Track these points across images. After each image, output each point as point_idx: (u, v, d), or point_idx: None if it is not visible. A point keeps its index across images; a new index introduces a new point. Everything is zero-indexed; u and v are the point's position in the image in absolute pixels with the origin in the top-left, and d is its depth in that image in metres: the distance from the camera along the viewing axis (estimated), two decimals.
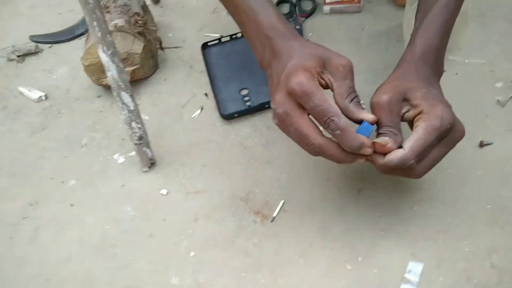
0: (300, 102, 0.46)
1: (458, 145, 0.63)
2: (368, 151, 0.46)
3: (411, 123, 0.51)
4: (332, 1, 0.86)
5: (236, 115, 0.73)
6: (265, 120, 0.73)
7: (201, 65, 0.82)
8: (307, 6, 0.89)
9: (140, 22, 0.80)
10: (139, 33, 0.79)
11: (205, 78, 0.80)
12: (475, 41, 0.76)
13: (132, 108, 0.63)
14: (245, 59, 0.81)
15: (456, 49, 0.75)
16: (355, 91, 0.49)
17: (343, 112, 0.47)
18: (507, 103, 0.66)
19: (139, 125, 0.65)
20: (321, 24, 0.86)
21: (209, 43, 0.84)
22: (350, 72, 0.48)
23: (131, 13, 0.82)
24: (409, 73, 0.51)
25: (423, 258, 0.55)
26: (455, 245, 0.55)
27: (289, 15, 0.88)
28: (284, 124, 0.48)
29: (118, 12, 0.81)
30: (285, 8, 0.90)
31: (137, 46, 0.78)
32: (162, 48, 0.85)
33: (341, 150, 0.47)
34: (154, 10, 0.96)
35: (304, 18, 0.87)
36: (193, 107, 0.77)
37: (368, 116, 0.48)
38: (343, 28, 0.84)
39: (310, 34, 0.84)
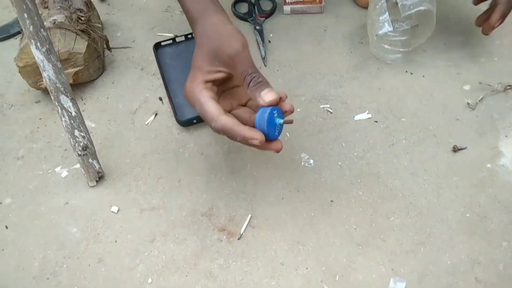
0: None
1: (431, 151, 0.61)
2: (255, 142, 0.45)
3: None
4: (292, 1, 0.82)
5: (194, 121, 0.66)
6: None
7: (154, 67, 0.75)
8: (267, 6, 0.85)
9: (82, 18, 0.72)
10: (82, 31, 0.70)
11: (158, 81, 0.73)
12: (439, 43, 0.74)
13: (73, 114, 0.55)
14: None
15: (421, 51, 0.73)
16: (250, 74, 0.47)
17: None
18: (477, 106, 0.65)
19: (82, 134, 0.57)
20: (282, 24, 0.81)
21: (162, 43, 0.77)
22: (237, 57, 0.47)
23: (72, 9, 0.73)
24: None
25: (404, 274, 0.51)
26: (436, 258, 0.52)
27: (248, 15, 0.82)
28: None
29: (58, 7, 0.72)
30: (244, 7, 0.85)
31: (80, 45, 0.69)
32: (109, 48, 0.77)
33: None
34: (100, 8, 0.87)
35: (264, 18, 0.82)
36: (146, 113, 0.69)
37: (263, 99, 0.46)
38: (304, 29, 0.80)
39: (271, 34, 0.79)
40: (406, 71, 0.71)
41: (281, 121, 0.47)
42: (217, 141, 0.65)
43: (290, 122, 0.48)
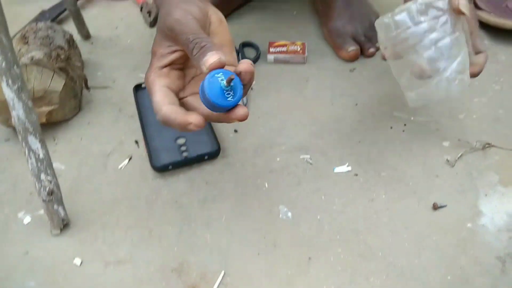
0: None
1: (412, 208, 0.60)
2: (191, 126, 0.40)
3: None
4: (276, 50, 0.82)
5: (170, 167, 0.64)
6: (203, 173, 0.64)
7: (132, 109, 0.73)
8: (251, 53, 0.85)
9: (62, 56, 0.70)
10: (61, 69, 0.69)
11: (136, 124, 0.71)
12: None
13: (41, 156, 0.52)
14: None
15: (400, 106, 0.73)
16: (192, 41, 0.40)
17: None
18: (456, 163, 0.64)
19: (49, 178, 0.54)
20: (265, 72, 0.81)
21: (143, 85, 0.76)
22: (178, 26, 0.42)
23: (53, 46, 0.72)
24: None
25: None
26: None
27: None
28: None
29: (38, 44, 0.71)
30: None
31: (57, 83, 0.67)
32: (87, 88, 0.75)
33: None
34: (83, 46, 0.86)
35: None
36: (120, 156, 0.67)
37: (204, 65, 0.38)
38: (287, 79, 0.80)
39: (254, 82, 0.79)
40: (386, 125, 0.71)
41: (225, 81, 0.38)
42: (193, 189, 0.62)
43: (231, 78, 0.37)
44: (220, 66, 0.38)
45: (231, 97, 0.39)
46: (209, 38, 0.41)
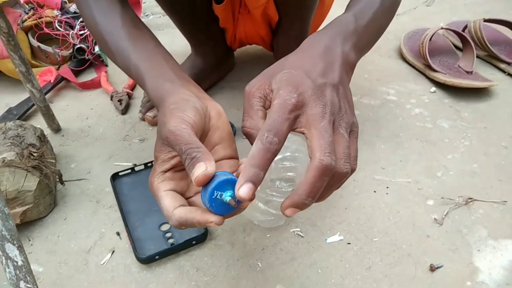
0: None
1: (410, 272, 0.59)
2: (212, 225, 0.41)
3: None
4: None
5: (157, 257, 0.61)
6: (193, 260, 0.61)
7: (111, 199, 0.71)
8: None
9: (35, 154, 0.68)
10: (34, 167, 0.66)
11: (116, 214, 0.68)
12: (396, 160, 0.77)
13: (19, 263, 0.48)
14: None
15: (380, 169, 0.75)
16: (184, 152, 0.41)
17: None
18: (444, 221, 0.65)
19: (29, 285, 0.49)
20: (243, 148, 0.81)
21: (120, 173, 0.74)
22: (171, 137, 0.42)
23: (24, 145, 0.70)
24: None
25: None
26: None
27: None
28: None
29: (8, 144, 0.69)
30: None
31: (31, 182, 0.65)
32: (62, 182, 0.73)
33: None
34: (53, 139, 0.85)
35: None
36: (102, 251, 0.63)
37: (193, 179, 0.39)
38: None
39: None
40: (369, 189, 0.71)
41: (228, 199, 0.39)
42: (183, 278, 0.59)
43: (234, 204, 0.39)
44: (206, 179, 0.39)
45: (236, 200, 0.39)
46: (202, 146, 0.41)
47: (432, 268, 0.59)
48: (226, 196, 0.39)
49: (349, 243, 0.63)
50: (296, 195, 0.40)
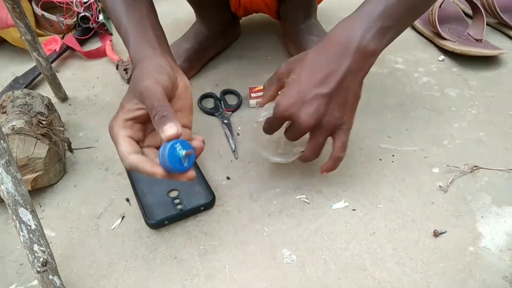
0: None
1: (413, 237, 0.60)
2: (158, 176, 0.48)
3: None
4: (258, 95, 0.84)
5: (166, 222, 0.62)
6: (201, 225, 0.63)
7: (120, 166, 0.72)
8: (232, 100, 0.86)
9: (44, 122, 0.69)
10: (43, 135, 0.67)
11: (125, 181, 0.70)
12: (402, 129, 0.77)
13: (33, 227, 0.50)
14: None
15: (386, 137, 0.75)
16: (155, 107, 0.48)
17: None
18: (449, 188, 0.66)
19: (42, 248, 0.51)
20: (249, 117, 0.82)
21: None
22: (146, 93, 0.49)
23: (33, 113, 0.70)
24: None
25: None
26: None
27: (215, 110, 0.83)
28: None
29: (17, 112, 0.69)
30: (210, 103, 0.86)
31: (40, 150, 0.66)
32: (71, 150, 0.74)
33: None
34: (61, 108, 0.86)
35: (230, 112, 0.83)
36: (112, 217, 0.65)
37: (164, 134, 0.47)
38: None
39: (239, 127, 0.80)
40: (375, 157, 0.72)
41: (184, 152, 0.47)
42: (192, 242, 0.61)
43: (190, 153, 0.48)
44: (176, 137, 0.47)
45: (187, 163, 0.48)
46: (171, 108, 0.49)
47: (436, 234, 0.60)
48: (182, 150, 0.47)
49: (354, 210, 0.64)
50: None
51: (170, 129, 0.46)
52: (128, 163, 0.48)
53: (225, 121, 0.80)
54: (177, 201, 0.65)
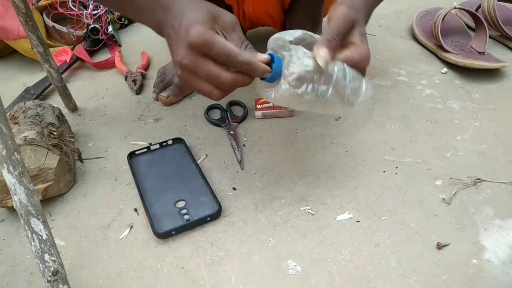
0: (203, 51, 0.50)
1: (417, 249, 0.61)
2: (265, 75, 0.53)
3: None
4: (263, 107, 0.85)
5: (173, 232, 0.63)
6: (207, 235, 0.64)
7: (128, 177, 0.73)
8: (238, 111, 0.88)
9: (55, 133, 0.71)
10: (54, 146, 0.69)
11: (133, 191, 0.71)
12: (405, 141, 0.78)
13: (44, 237, 0.51)
14: (178, 167, 0.74)
15: (389, 149, 0.76)
16: (246, 40, 0.54)
17: None
18: (452, 201, 0.66)
19: (53, 258, 0.52)
20: (254, 128, 0.84)
21: (136, 152, 0.77)
22: (237, 25, 0.53)
23: (44, 124, 0.72)
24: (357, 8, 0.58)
25: None
26: None
27: (221, 121, 0.84)
28: (192, 74, 0.52)
29: (29, 123, 0.71)
30: (216, 114, 0.87)
31: (51, 160, 0.67)
32: (81, 161, 0.75)
33: (250, 77, 0.54)
34: (71, 118, 0.87)
35: (236, 124, 0.84)
36: (121, 226, 0.66)
37: (262, 55, 0.54)
38: (277, 132, 0.82)
39: (245, 139, 0.81)
40: (379, 169, 0.73)
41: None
42: (198, 252, 0.62)
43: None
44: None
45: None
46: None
47: (439, 246, 0.61)
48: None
49: (358, 221, 0.65)
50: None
51: (265, 56, 0.54)
52: (243, 56, 0.50)
53: (231, 132, 0.81)
54: (184, 211, 0.66)
